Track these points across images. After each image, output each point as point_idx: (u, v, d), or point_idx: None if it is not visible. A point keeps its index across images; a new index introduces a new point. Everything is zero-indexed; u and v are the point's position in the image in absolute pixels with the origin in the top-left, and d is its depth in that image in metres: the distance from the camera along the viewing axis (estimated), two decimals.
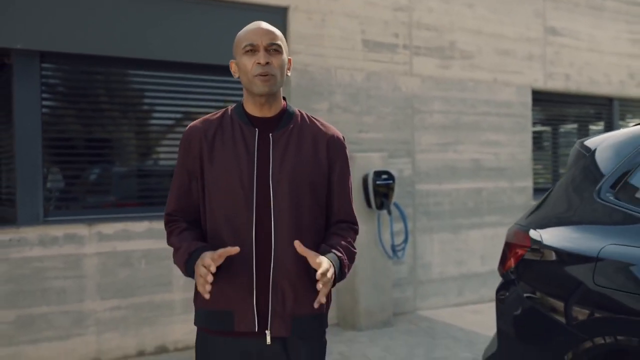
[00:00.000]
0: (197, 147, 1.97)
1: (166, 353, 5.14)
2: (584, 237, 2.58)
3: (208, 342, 1.97)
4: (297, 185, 1.93)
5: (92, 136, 5.14)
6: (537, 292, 2.72)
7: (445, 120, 6.68)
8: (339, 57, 6.01)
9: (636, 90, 8.41)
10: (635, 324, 2.27)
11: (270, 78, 1.89)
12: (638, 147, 2.60)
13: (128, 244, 4.99)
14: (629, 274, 2.33)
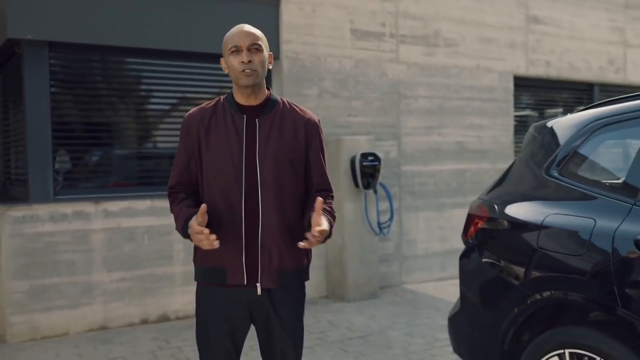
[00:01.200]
0: (195, 132, 2.35)
1: (168, 321, 5.55)
2: (532, 208, 2.98)
3: (206, 292, 2.38)
4: (279, 162, 2.31)
5: (97, 120, 5.51)
6: (493, 256, 3.12)
7: (430, 105, 7.06)
8: (329, 46, 6.37)
9: (615, 76, 8.79)
10: (570, 280, 2.67)
11: (252, 73, 2.27)
12: (579, 130, 2.99)
13: (132, 221, 5.38)
14: (565, 238, 2.74)
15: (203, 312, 2.38)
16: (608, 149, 2.89)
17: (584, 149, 2.94)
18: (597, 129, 2.91)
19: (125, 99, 5.63)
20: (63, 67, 5.38)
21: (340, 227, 6.14)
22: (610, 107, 2.92)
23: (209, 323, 2.36)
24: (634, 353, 2.45)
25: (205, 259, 2.35)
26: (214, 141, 2.31)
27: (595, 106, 3.05)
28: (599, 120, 2.92)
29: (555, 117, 3.27)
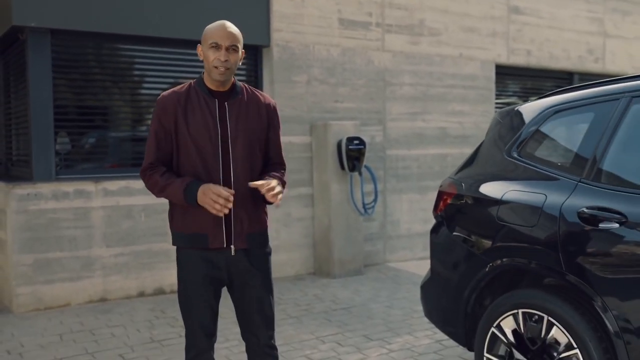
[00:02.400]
0: (172, 111, 2.65)
1: (163, 294, 5.89)
2: (494, 185, 3.33)
3: (187, 256, 2.67)
4: (248, 140, 2.67)
5: (96, 104, 5.81)
6: (458, 229, 3.47)
7: (414, 92, 7.39)
8: (317, 34, 6.68)
9: (595, 65, 9.13)
10: (524, 249, 3.03)
11: (226, 71, 2.58)
12: (536, 116, 3.33)
13: (130, 199, 5.70)
14: (520, 212, 3.09)
15: (187, 274, 2.68)
16: (559, 132, 3.23)
17: (539, 132, 3.29)
18: (550, 115, 3.26)
19: (122, 84, 5.93)
20: (64, 54, 5.66)
21: (327, 207, 6.48)
22: (561, 95, 3.26)
23: (194, 283, 2.66)
24: (576, 311, 2.81)
25: (188, 226, 2.64)
26: (193, 122, 2.62)
27: (551, 94, 3.39)
28: (551, 107, 3.26)
29: (516, 105, 3.61)
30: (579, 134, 3.08)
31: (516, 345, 3.07)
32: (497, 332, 3.14)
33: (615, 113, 2.93)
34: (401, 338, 4.59)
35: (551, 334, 2.90)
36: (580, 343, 2.77)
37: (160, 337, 4.65)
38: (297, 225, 6.63)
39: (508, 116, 3.55)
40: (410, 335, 4.64)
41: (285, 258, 6.56)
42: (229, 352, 4.31)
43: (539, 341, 2.96)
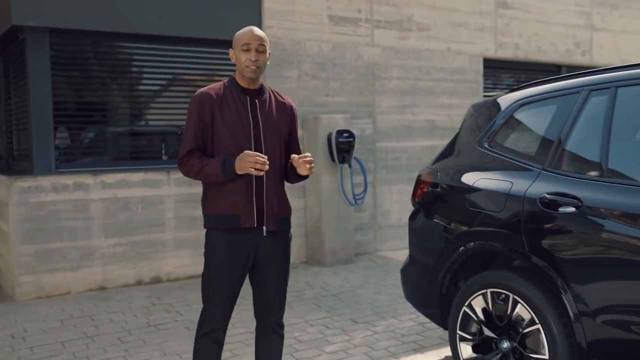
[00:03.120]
0: (209, 105, 2.89)
1: (160, 283, 6.12)
2: (467, 174, 3.55)
3: (217, 239, 2.89)
4: (276, 134, 2.95)
5: (93, 100, 6.03)
6: (434, 215, 3.69)
7: (403, 86, 7.59)
8: (308, 31, 6.88)
9: (582, 58, 9.33)
10: (492, 232, 3.25)
11: (257, 69, 2.86)
12: (505, 109, 3.54)
13: (127, 192, 5.92)
14: (489, 198, 3.31)
15: (215, 257, 2.88)
16: (526, 124, 3.45)
17: (508, 124, 3.51)
18: (517, 108, 3.47)
19: (119, 80, 6.14)
20: (63, 52, 5.87)
21: (318, 198, 6.71)
22: (528, 89, 3.48)
23: (220, 266, 2.86)
24: (538, 290, 3.03)
25: (221, 207, 2.87)
26: (229, 114, 2.88)
27: (518, 88, 3.60)
28: (519, 100, 3.48)
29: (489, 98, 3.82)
30: (542, 125, 3.29)
31: (486, 322, 3.30)
32: (469, 310, 3.37)
33: (575, 105, 3.14)
34: (386, 321, 4.81)
35: (516, 311, 3.13)
36: (541, 319, 2.99)
37: (157, 322, 4.88)
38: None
39: (480, 109, 3.77)
40: (395, 319, 4.87)
41: None
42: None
43: (506, 318, 3.19)
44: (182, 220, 6.22)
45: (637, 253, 2.63)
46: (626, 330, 2.70)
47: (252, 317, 4.93)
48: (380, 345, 4.28)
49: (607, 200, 2.79)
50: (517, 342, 3.13)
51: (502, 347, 3.20)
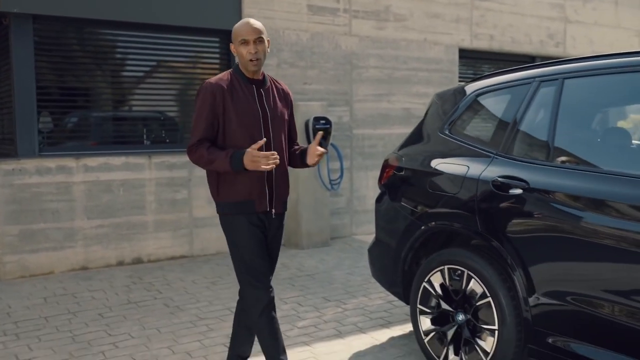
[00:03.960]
0: (220, 95, 3.02)
1: (141, 264, 6.32)
2: (429, 159, 3.78)
3: (237, 221, 3.08)
4: (281, 120, 3.16)
5: (77, 85, 6.18)
6: (398, 197, 3.92)
7: (380, 75, 7.81)
8: (287, 20, 7.07)
9: (555, 50, 9.59)
10: (449, 213, 3.49)
11: (257, 62, 3.01)
12: (464, 98, 3.78)
13: (109, 175, 6.10)
14: (447, 181, 3.54)
15: (240, 236, 3.07)
16: (483, 112, 3.68)
17: (466, 112, 3.74)
18: (476, 97, 3.70)
19: (102, 66, 6.30)
20: (46, 38, 6.01)
21: (295, 183, 6.92)
22: (486, 80, 3.71)
23: (247, 243, 3.06)
24: (490, 266, 3.27)
25: (235, 194, 3.06)
26: (240, 105, 3.04)
27: (478, 79, 3.83)
28: (477, 90, 3.71)
29: (451, 87, 4.05)
30: (497, 114, 3.53)
31: (443, 296, 3.54)
32: (428, 286, 3.61)
33: (527, 95, 3.38)
34: (356, 299, 5.05)
35: (470, 286, 3.37)
36: (492, 293, 3.24)
37: (137, 299, 5.09)
38: None
39: (442, 98, 4.00)
40: (365, 297, 5.11)
41: None
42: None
43: (461, 292, 3.43)
44: (163, 203, 6.41)
45: (575, 232, 2.88)
46: (563, 302, 2.95)
47: (229, 295, 5.15)
48: (349, 321, 4.52)
49: (551, 183, 3.04)
50: (471, 314, 3.38)
51: (458, 319, 3.45)
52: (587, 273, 2.85)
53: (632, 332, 2.71)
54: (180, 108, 6.78)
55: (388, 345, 4.08)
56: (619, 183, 2.78)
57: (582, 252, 2.86)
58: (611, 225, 2.76)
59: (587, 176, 2.92)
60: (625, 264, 2.70)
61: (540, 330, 3.09)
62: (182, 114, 6.80)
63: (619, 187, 2.77)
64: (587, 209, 2.87)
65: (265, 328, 3.10)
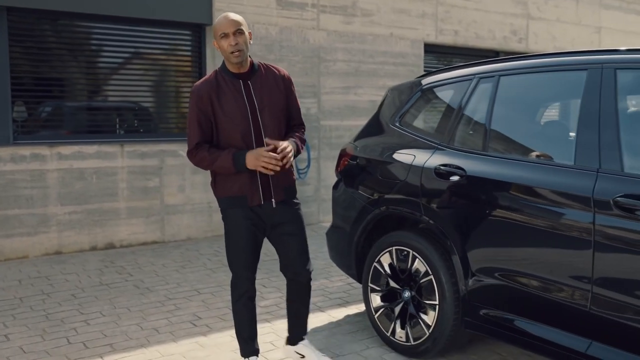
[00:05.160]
0: (207, 97, 3.10)
1: (114, 249, 6.55)
2: (380, 148, 4.07)
3: (232, 214, 3.21)
4: (272, 109, 3.18)
5: (51, 76, 6.38)
6: (352, 184, 4.21)
7: (347, 68, 8.09)
8: (256, 14, 7.31)
9: (518, 45, 9.95)
10: (397, 199, 3.79)
11: (240, 53, 3.05)
12: (414, 92, 4.07)
13: (82, 163, 6.32)
14: (395, 169, 3.84)
15: (233, 228, 3.21)
16: (429, 106, 3.98)
17: (416, 106, 4.04)
18: (424, 91, 4.01)
19: (76, 58, 6.49)
20: (20, 29, 6.19)
21: None
22: (434, 76, 4.01)
23: (238, 235, 3.22)
24: (432, 247, 3.58)
25: (229, 190, 3.19)
26: (227, 104, 3.15)
27: (427, 74, 4.13)
28: (425, 85, 4.01)
29: (403, 82, 4.35)
30: (442, 107, 3.83)
31: (391, 275, 3.85)
32: (378, 266, 3.91)
33: (468, 91, 3.69)
34: (318, 282, 5.35)
35: (415, 265, 3.68)
36: (434, 271, 3.55)
37: (109, 281, 5.33)
38: None
39: (395, 92, 4.29)
40: (326, 280, 5.41)
41: None
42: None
43: (407, 271, 3.74)
44: (135, 191, 6.64)
45: (503, 215, 3.20)
46: (493, 278, 3.27)
47: (197, 277, 5.42)
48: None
49: (485, 171, 3.35)
50: (415, 291, 3.69)
51: (404, 296, 3.76)
52: (512, 252, 3.17)
53: (549, 303, 3.04)
54: (152, 98, 7.00)
55: (344, 322, 4.39)
56: (543, 171, 3.10)
57: (509, 233, 3.17)
58: (534, 209, 3.08)
59: (516, 165, 3.24)
60: (545, 244, 3.02)
61: (475, 304, 3.41)
62: (154, 104, 7.02)
63: (543, 175, 3.09)
64: (514, 195, 3.18)
65: (238, 313, 3.34)
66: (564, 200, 2.97)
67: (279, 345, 3.95)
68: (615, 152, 2.87)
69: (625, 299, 2.74)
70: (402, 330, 3.75)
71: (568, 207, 2.94)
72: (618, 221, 2.76)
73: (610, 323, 2.81)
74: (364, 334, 4.14)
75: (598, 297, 2.83)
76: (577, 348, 2.94)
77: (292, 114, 3.36)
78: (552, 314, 3.04)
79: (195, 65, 7.19)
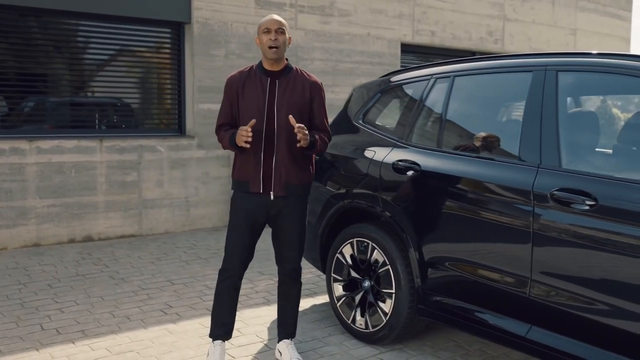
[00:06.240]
0: (235, 87, 3.39)
1: (92, 242, 6.69)
2: (346, 145, 4.25)
3: (236, 197, 3.44)
4: (290, 110, 3.31)
5: (32, 72, 6.50)
6: (319, 179, 4.38)
7: (324, 67, 8.27)
8: (235, 13, 7.46)
9: (494, 46, 10.17)
10: (358, 193, 3.97)
11: (277, 50, 3.28)
12: (376, 91, 4.26)
13: (61, 157, 6.45)
14: (358, 164, 4.02)
15: (233, 211, 3.45)
16: (391, 104, 4.17)
17: (378, 104, 4.23)
18: (386, 91, 4.19)
19: (56, 54, 6.62)
20: (3, 26, 6.31)
21: None
22: (394, 76, 4.20)
23: (236, 219, 3.42)
24: (390, 238, 3.76)
25: (238, 174, 3.43)
26: (247, 95, 3.37)
27: (389, 74, 4.32)
28: (386, 84, 4.20)
29: (366, 81, 4.53)
30: (402, 106, 4.02)
31: (352, 266, 4.03)
32: (340, 257, 4.10)
33: (425, 90, 3.88)
34: None
35: (374, 256, 3.87)
36: (391, 261, 3.74)
37: (85, 272, 5.48)
38: (215, 183, 7.49)
39: (359, 91, 4.48)
40: None
41: (203, 212, 7.42)
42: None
43: (366, 262, 3.93)
44: (113, 185, 6.78)
45: (453, 208, 3.39)
46: (444, 268, 3.47)
47: (172, 269, 5.57)
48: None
49: (438, 167, 3.54)
50: (374, 280, 3.88)
51: (364, 286, 3.95)
52: (462, 243, 3.36)
53: (493, 290, 3.23)
54: (132, 95, 7.13)
55: (310, 311, 4.57)
56: (490, 167, 3.30)
57: (459, 226, 3.37)
58: (481, 202, 3.27)
59: (467, 161, 3.43)
60: (491, 235, 3.22)
61: (428, 293, 3.60)
62: (134, 100, 7.16)
63: (489, 171, 3.29)
64: (463, 189, 3.38)
65: (217, 294, 3.53)
66: (507, 194, 3.17)
67: (244, 332, 4.13)
68: (554, 149, 3.07)
69: (560, 284, 2.94)
70: (362, 318, 3.93)
71: (511, 201, 3.14)
72: (554, 213, 2.96)
73: (547, 308, 3.00)
74: (327, 322, 4.32)
75: (536, 284, 3.03)
76: (518, 332, 3.13)
77: (315, 120, 3.47)
78: (497, 300, 3.24)
79: (174, 62, 7.33)
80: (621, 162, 3.15)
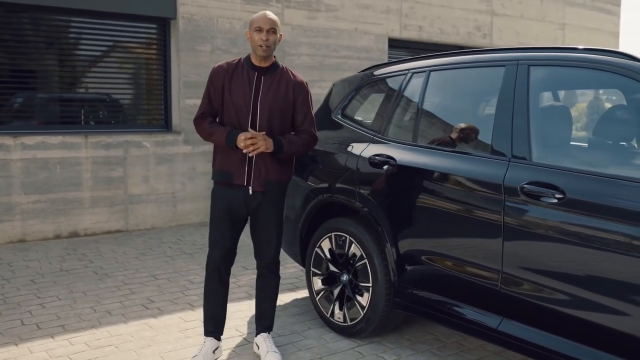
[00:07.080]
0: (221, 77, 3.39)
1: (78, 237, 6.70)
2: (326, 140, 4.27)
3: (216, 190, 3.46)
4: (272, 107, 3.37)
5: (20, 68, 6.50)
6: (299, 174, 4.40)
7: (311, 62, 8.28)
8: (221, 9, 7.47)
9: (483, 41, 10.19)
10: (336, 187, 3.99)
11: (267, 48, 3.31)
12: (354, 86, 4.28)
13: (46, 153, 6.45)
14: (336, 159, 4.05)
15: (214, 204, 3.48)
16: (369, 99, 4.19)
17: (356, 99, 4.24)
18: (363, 86, 4.21)
19: (42, 50, 6.62)
20: None
21: None
22: (371, 70, 4.22)
23: (217, 211, 3.45)
24: (367, 232, 3.79)
25: (221, 164, 3.45)
26: (235, 87, 3.40)
27: (368, 69, 4.33)
28: (364, 80, 4.22)
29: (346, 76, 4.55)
30: (379, 101, 4.04)
31: (331, 260, 4.06)
32: (319, 251, 4.12)
33: (402, 85, 3.90)
34: None
35: (351, 250, 3.89)
36: (368, 255, 3.76)
37: (69, 268, 5.49)
38: (202, 179, 7.50)
39: (337, 86, 4.49)
40: (281, 267, 5.59)
41: (190, 207, 7.44)
42: None
43: (344, 256, 3.95)
44: (99, 181, 6.79)
45: (428, 202, 3.42)
46: (419, 261, 3.49)
47: (156, 264, 5.59)
48: None
49: (413, 161, 3.56)
50: (352, 274, 3.90)
51: (342, 279, 3.97)
52: (436, 236, 3.39)
53: (466, 283, 3.26)
54: (118, 90, 7.13)
55: (290, 305, 4.59)
56: (463, 161, 3.32)
57: (433, 219, 3.39)
58: (454, 196, 3.30)
59: (441, 155, 3.45)
60: (463, 229, 3.24)
61: (404, 286, 3.63)
62: (120, 95, 7.16)
63: (463, 165, 3.31)
64: (437, 183, 3.40)
65: (205, 287, 3.59)
66: (479, 188, 3.19)
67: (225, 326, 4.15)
68: (525, 143, 3.10)
69: (529, 277, 2.97)
70: (340, 312, 3.96)
71: (483, 195, 3.17)
72: (524, 207, 2.98)
73: (517, 301, 3.04)
74: (307, 316, 4.35)
75: (507, 276, 3.06)
76: (490, 325, 3.17)
77: (297, 119, 3.50)
78: (470, 293, 3.27)
79: (160, 58, 7.33)
80: (593, 156, 3.18)
